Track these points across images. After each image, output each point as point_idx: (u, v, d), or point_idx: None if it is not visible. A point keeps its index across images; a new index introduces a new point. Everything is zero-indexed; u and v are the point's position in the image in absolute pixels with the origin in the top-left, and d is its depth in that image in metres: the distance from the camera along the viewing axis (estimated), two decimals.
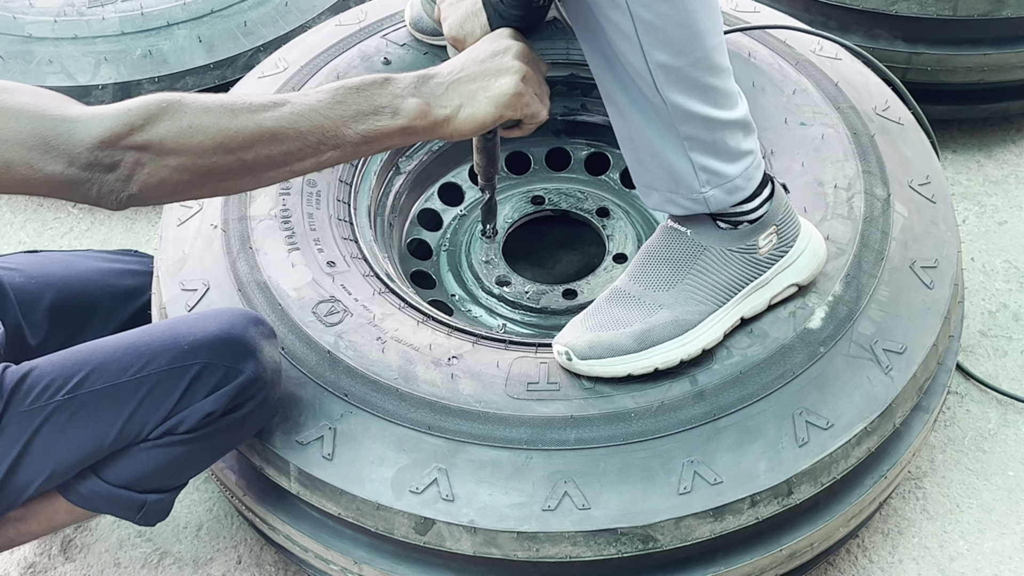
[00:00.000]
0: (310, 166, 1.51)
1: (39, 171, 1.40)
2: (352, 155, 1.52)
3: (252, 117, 1.45)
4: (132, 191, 1.43)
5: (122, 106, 1.42)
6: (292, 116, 1.47)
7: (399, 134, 1.53)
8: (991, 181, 2.67)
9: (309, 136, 1.47)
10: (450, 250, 2.25)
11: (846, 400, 1.74)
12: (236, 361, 1.68)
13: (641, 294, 1.76)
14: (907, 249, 1.90)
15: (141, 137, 1.41)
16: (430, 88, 1.54)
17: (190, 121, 1.43)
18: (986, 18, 2.48)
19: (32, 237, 2.67)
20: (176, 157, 1.42)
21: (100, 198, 1.43)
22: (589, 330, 1.75)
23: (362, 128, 1.50)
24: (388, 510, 1.67)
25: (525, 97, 1.58)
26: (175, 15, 2.64)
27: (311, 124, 1.47)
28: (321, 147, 1.49)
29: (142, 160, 1.41)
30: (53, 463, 1.69)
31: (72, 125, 1.40)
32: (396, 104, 1.51)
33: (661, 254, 1.77)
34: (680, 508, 1.65)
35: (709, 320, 1.74)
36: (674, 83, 1.59)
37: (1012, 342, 2.35)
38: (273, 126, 1.46)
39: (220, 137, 1.44)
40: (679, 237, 1.76)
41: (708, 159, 1.66)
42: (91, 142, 1.39)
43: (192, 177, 1.44)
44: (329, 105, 1.48)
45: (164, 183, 1.44)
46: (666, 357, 1.72)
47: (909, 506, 2.10)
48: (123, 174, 1.41)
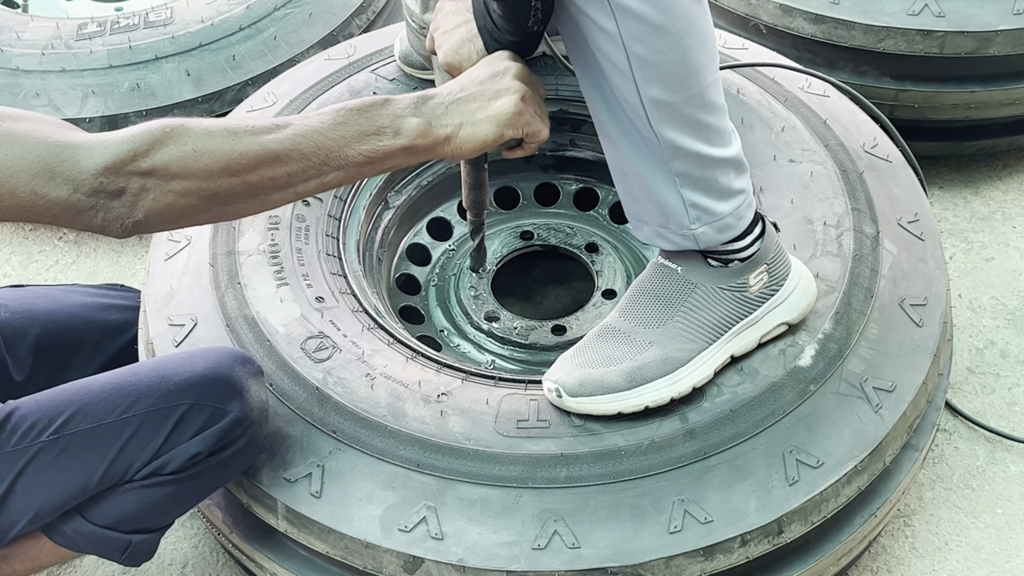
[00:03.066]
0: (314, 187, 1.51)
1: (43, 197, 1.40)
2: (355, 176, 1.52)
3: (255, 139, 1.46)
4: (138, 217, 1.43)
5: (126, 132, 1.42)
6: (295, 138, 1.47)
7: (401, 154, 1.53)
8: (978, 218, 2.67)
9: (312, 157, 1.48)
10: (439, 285, 2.25)
11: (836, 438, 1.74)
12: (223, 401, 1.67)
13: (631, 331, 1.76)
14: (896, 287, 1.90)
15: (146, 163, 1.41)
16: (430, 108, 1.54)
17: (194, 145, 1.43)
18: (972, 56, 2.50)
19: (17, 270, 2.66)
20: (181, 182, 1.42)
21: (105, 225, 1.43)
22: (579, 367, 1.74)
23: (364, 148, 1.50)
24: (376, 548, 1.66)
25: (525, 116, 1.59)
26: (163, 48, 2.64)
27: (314, 145, 1.48)
28: (324, 168, 1.49)
29: (147, 186, 1.41)
30: (38, 504, 1.68)
31: (77, 152, 1.40)
32: (397, 124, 1.51)
33: (651, 291, 1.77)
34: (670, 547, 1.64)
35: (699, 358, 1.74)
36: (667, 119, 1.59)
37: (1000, 379, 2.35)
38: (277, 148, 1.46)
39: (224, 160, 1.44)
40: (670, 274, 1.76)
41: (699, 196, 1.66)
42: (95, 169, 1.39)
43: (198, 201, 1.45)
44: (331, 126, 1.49)
45: (170, 208, 1.44)
46: (657, 395, 1.72)
47: (898, 544, 2.09)
48: (128, 200, 1.42)
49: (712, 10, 2.63)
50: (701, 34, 1.55)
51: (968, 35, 2.47)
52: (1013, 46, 2.49)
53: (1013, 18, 2.47)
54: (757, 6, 2.59)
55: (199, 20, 2.68)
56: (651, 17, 1.49)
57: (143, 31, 2.66)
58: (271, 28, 2.70)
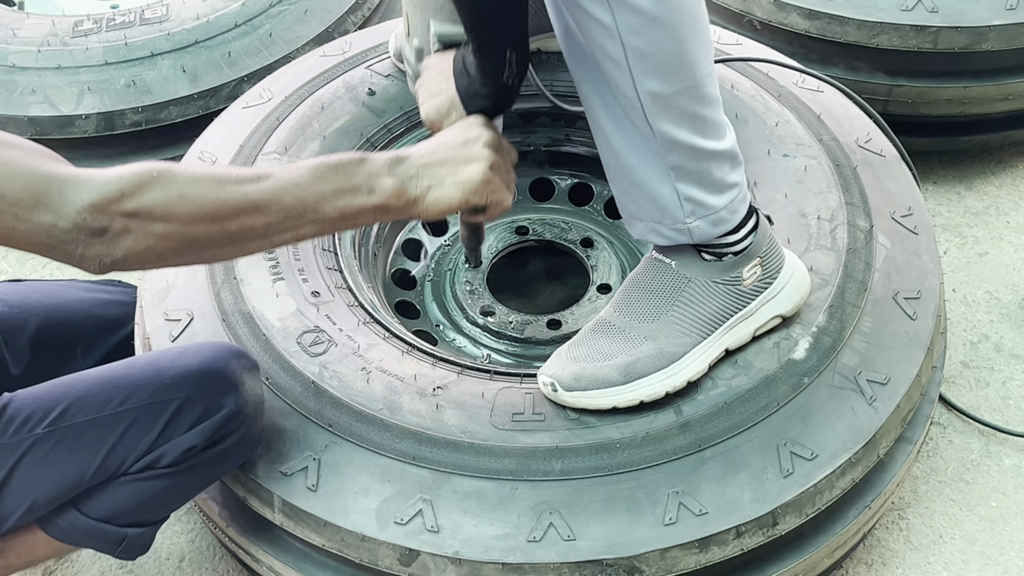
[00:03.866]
0: (289, 238, 1.53)
1: (25, 222, 1.39)
2: (328, 230, 1.56)
3: (238, 189, 1.47)
4: (116, 256, 1.43)
5: (114, 172, 1.42)
6: (276, 190, 1.49)
7: (373, 212, 1.56)
8: (972, 213, 2.68)
9: (291, 210, 1.50)
10: (434, 280, 2.25)
11: (830, 431, 1.74)
12: (218, 395, 1.68)
13: (626, 325, 1.76)
14: (890, 280, 1.91)
15: (131, 204, 1.41)
16: (404, 169, 1.57)
17: (179, 190, 1.44)
18: (966, 51, 2.51)
19: (14, 266, 2.66)
20: (163, 225, 1.43)
21: (83, 260, 1.43)
22: (574, 361, 1.75)
23: (340, 204, 1.53)
24: (372, 541, 1.66)
25: (492, 184, 1.62)
26: (159, 45, 2.64)
27: (293, 199, 1.50)
28: (301, 220, 1.51)
29: (130, 227, 1.42)
30: (33, 496, 1.68)
31: (64, 185, 1.40)
32: (372, 183, 1.54)
33: (646, 285, 1.77)
34: (665, 539, 1.65)
35: (694, 352, 1.75)
36: (663, 111, 1.59)
37: (994, 373, 2.36)
38: (258, 198, 1.48)
39: (208, 207, 1.45)
40: (664, 268, 1.76)
41: (693, 189, 1.67)
42: (81, 205, 1.39)
43: (176, 245, 1.45)
44: (310, 181, 1.51)
45: (149, 250, 1.44)
46: (652, 390, 1.72)
47: (893, 537, 2.10)
48: (110, 239, 1.42)
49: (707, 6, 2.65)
50: (697, 26, 1.56)
51: (961, 30, 2.48)
52: (1006, 41, 2.50)
53: (1006, 13, 2.48)
54: (751, 2, 2.60)
55: (195, 17, 2.68)
56: (647, 8, 1.50)
57: (139, 28, 2.66)
58: (266, 25, 2.71)
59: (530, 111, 2.28)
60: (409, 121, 2.19)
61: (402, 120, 2.19)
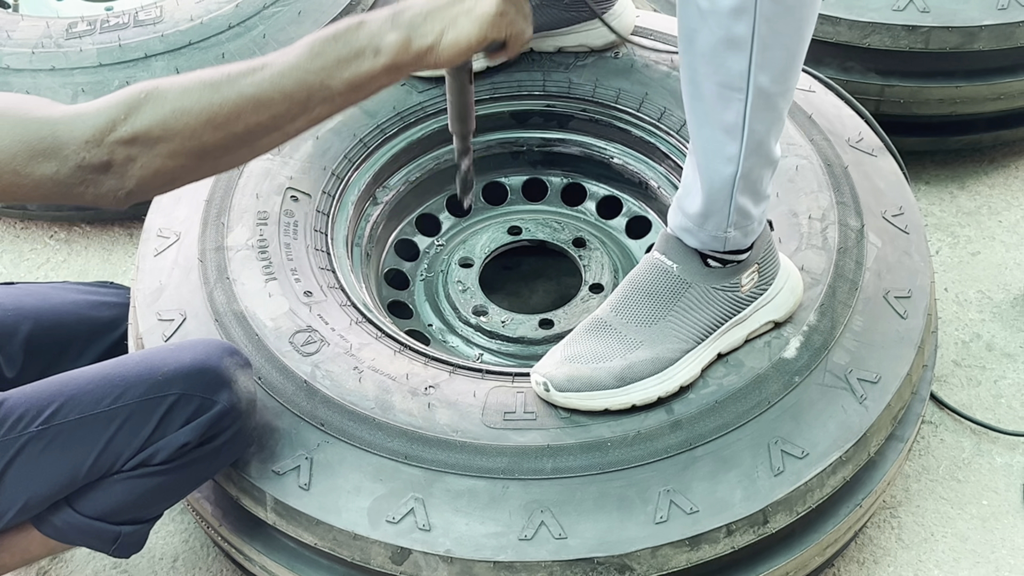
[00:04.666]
0: (302, 125, 1.47)
1: (27, 176, 1.39)
2: (342, 105, 1.48)
3: (234, 88, 1.42)
4: (129, 187, 1.41)
5: (101, 102, 1.40)
6: (274, 78, 1.43)
7: (384, 73, 1.47)
8: (964, 212, 2.69)
9: (295, 95, 1.44)
10: (427, 280, 2.26)
11: (821, 429, 1.75)
12: (211, 392, 1.68)
13: (622, 328, 1.76)
14: (881, 279, 1.92)
15: (127, 130, 1.39)
16: (407, 20, 1.48)
17: (172, 105, 1.40)
18: (958, 51, 2.51)
19: (8, 268, 2.67)
20: (166, 144, 1.40)
21: (99, 198, 1.41)
22: (568, 361, 1.75)
23: (347, 75, 1.45)
24: (364, 540, 1.67)
25: (508, 16, 1.51)
26: (153, 47, 2.64)
27: (295, 82, 1.43)
28: (309, 104, 1.45)
29: (132, 154, 1.40)
30: (27, 494, 1.68)
31: (55, 128, 1.39)
32: (376, 43, 1.45)
33: (645, 288, 1.77)
34: (656, 537, 1.65)
35: (688, 357, 1.75)
36: (763, 110, 1.57)
37: (986, 372, 2.37)
38: (256, 92, 1.42)
39: (206, 115, 1.41)
40: (665, 272, 1.76)
41: (745, 199, 1.66)
42: (77, 144, 1.38)
43: (187, 161, 1.42)
44: (308, 59, 1.44)
45: (160, 173, 1.42)
46: (644, 395, 1.73)
47: (884, 535, 2.11)
48: (117, 171, 1.40)
49: None
50: (811, 29, 1.55)
51: (953, 30, 2.48)
52: (998, 41, 2.50)
53: (997, 13, 2.48)
54: None
55: (188, 19, 2.68)
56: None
57: (133, 30, 2.66)
58: (260, 26, 2.71)
59: (523, 111, 2.28)
60: (402, 121, 2.20)
61: (395, 120, 2.19)
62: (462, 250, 2.27)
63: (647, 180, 2.27)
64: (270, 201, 2.01)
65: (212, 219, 1.99)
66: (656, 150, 2.23)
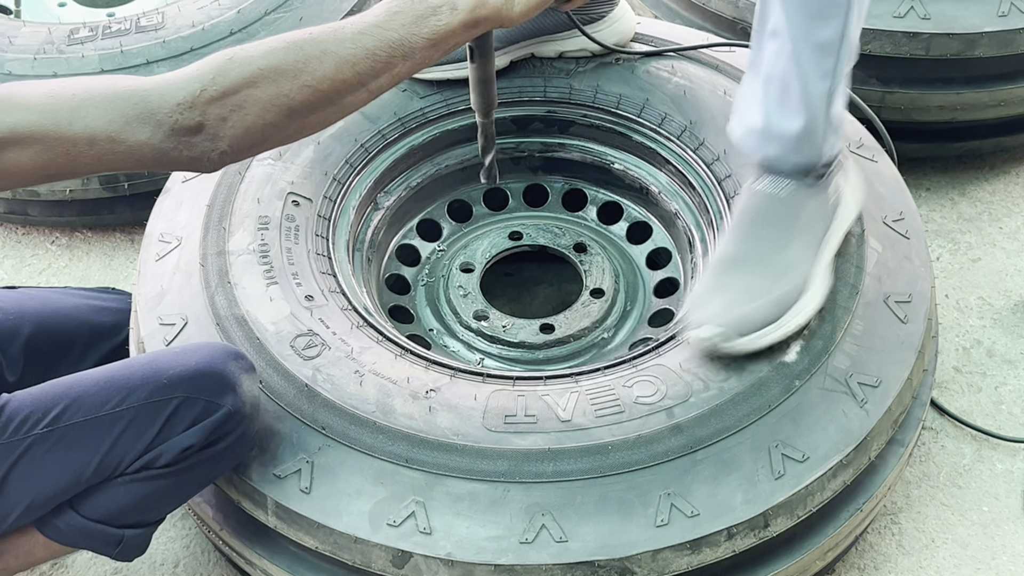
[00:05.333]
0: (385, 82, 1.52)
1: (123, 142, 1.43)
2: (422, 62, 1.53)
3: (318, 47, 1.47)
4: (223, 147, 1.46)
5: (191, 68, 1.45)
6: (356, 36, 1.48)
7: (462, 28, 1.53)
8: (965, 219, 2.69)
9: (378, 52, 1.49)
10: (428, 285, 2.26)
11: (821, 433, 1.75)
12: (215, 395, 1.69)
13: (760, 260, 1.83)
14: (881, 284, 1.92)
15: (216, 92, 1.43)
16: None
17: (259, 65, 1.45)
18: (958, 58, 2.51)
19: (10, 273, 2.67)
20: (255, 103, 1.45)
21: (193, 161, 1.46)
22: (729, 307, 1.79)
23: (426, 32, 1.50)
24: (365, 543, 1.67)
25: None
26: (154, 53, 2.64)
27: (376, 40, 1.48)
28: (392, 61, 1.50)
29: (223, 114, 1.44)
30: (30, 496, 1.69)
31: (147, 95, 1.43)
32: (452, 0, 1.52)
33: (765, 218, 1.85)
34: (657, 540, 1.66)
35: (817, 270, 1.83)
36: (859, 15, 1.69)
37: (986, 378, 2.37)
38: (339, 50, 1.47)
39: (292, 73, 1.45)
40: (779, 200, 1.85)
41: (838, 105, 1.78)
42: (170, 107, 1.42)
43: (275, 118, 1.46)
44: (388, 17, 1.49)
45: (250, 131, 1.46)
46: (801, 318, 1.80)
47: (885, 541, 2.11)
48: (210, 132, 1.44)
49: (699, 14, 2.67)
50: None
51: (954, 37, 2.49)
52: (998, 48, 2.50)
53: (998, 20, 2.49)
54: (745, 9, 2.60)
55: (190, 25, 2.69)
56: None
57: (134, 36, 2.67)
58: (262, 33, 2.71)
59: (524, 117, 2.29)
60: (404, 127, 2.20)
61: (396, 126, 2.20)
62: (463, 255, 2.28)
63: (648, 185, 2.27)
64: (271, 206, 2.01)
65: (213, 224, 1.99)
66: (657, 155, 2.23)
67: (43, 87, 1.45)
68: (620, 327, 2.17)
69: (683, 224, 2.21)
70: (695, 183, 2.16)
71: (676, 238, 2.27)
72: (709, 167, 2.12)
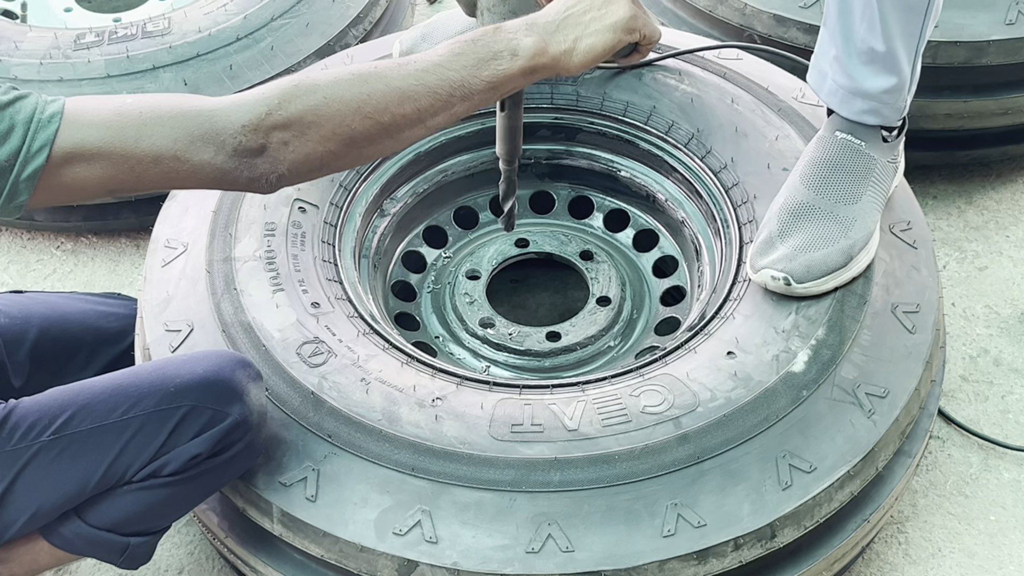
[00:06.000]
0: (443, 120, 1.55)
1: (186, 162, 1.45)
2: (480, 103, 1.56)
3: (382, 81, 1.50)
4: (281, 171, 1.48)
5: (257, 92, 1.48)
6: (419, 74, 1.51)
7: (520, 75, 1.57)
8: (972, 227, 2.69)
9: (439, 91, 1.52)
10: (434, 292, 2.26)
11: (829, 443, 1.75)
12: (223, 404, 1.68)
13: (833, 208, 1.91)
14: (889, 294, 1.91)
15: (282, 116, 1.46)
16: (542, 28, 1.58)
17: (324, 94, 1.47)
18: (966, 66, 2.51)
19: (15, 278, 2.67)
20: (317, 130, 1.47)
21: (252, 182, 1.48)
22: (799, 252, 1.86)
23: (486, 75, 1.54)
24: (371, 552, 1.67)
25: (640, 19, 1.64)
26: (161, 58, 2.65)
27: (438, 79, 1.52)
28: (451, 100, 1.53)
29: (286, 139, 1.46)
30: (36, 503, 1.68)
31: (213, 115, 1.45)
32: (513, 46, 1.55)
33: (842, 168, 1.93)
34: (664, 551, 1.65)
35: (877, 226, 1.94)
36: None
37: (993, 387, 2.36)
38: (403, 86, 1.50)
39: (355, 104, 1.48)
40: (855, 150, 1.94)
41: (920, 62, 1.87)
42: (235, 129, 1.44)
43: (335, 147, 1.49)
44: (451, 58, 1.53)
45: (310, 158, 1.49)
46: (861, 267, 1.90)
47: (892, 551, 2.10)
48: (271, 156, 1.47)
49: (706, 21, 2.66)
50: None
51: (961, 45, 2.48)
52: (1005, 56, 2.50)
53: (1005, 28, 2.48)
54: (752, 16, 2.60)
55: (196, 30, 2.69)
56: None
57: (141, 41, 2.67)
58: (268, 38, 2.71)
59: (531, 124, 2.28)
60: None
61: None
62: (469, 262, 2.28)
63: (654, 193, 2.27)
64: (277, 212, 2.01)
65: (220, 230, 1.99)
66: (664, 163, 2.23)
67: (110, 104, 1.46)
68: (626, 335, 2.17)
69: (690, 232, 2.21)
70: (702, 191, 2.15)
71: (683, 246, 2.26)
72: (716, 175, 2.11)
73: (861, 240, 1.89)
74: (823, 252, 1.86)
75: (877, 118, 1.94)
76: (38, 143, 1.42)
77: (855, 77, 1.91)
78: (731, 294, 1.93)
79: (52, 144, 1.42)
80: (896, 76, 1.89)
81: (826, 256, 1.86)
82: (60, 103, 1.44)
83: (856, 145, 1.94)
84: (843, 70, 1.92)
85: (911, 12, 1.83)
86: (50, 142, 1.42)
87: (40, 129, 1.42)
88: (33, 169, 1.42)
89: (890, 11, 1.82)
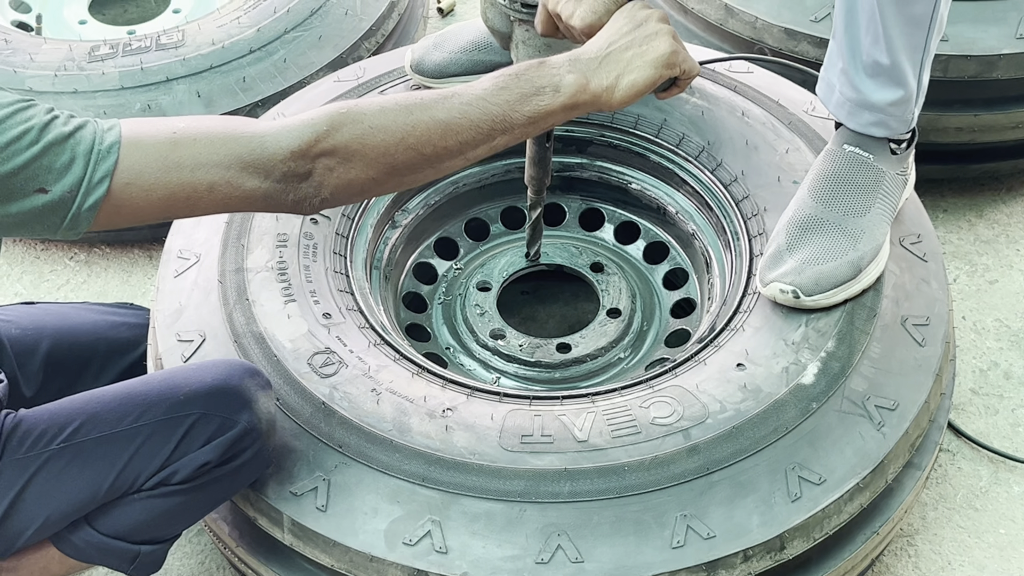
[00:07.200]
0: (483, 152, 1.58)
1: (239, 188, 1.48)
2: (520, 136, 1.59)
3: (426, 112, 1.53)
4: (325, 195, 1.52)
5: (305, 118, 1.50)
6: (462, 107, 1.54)
7: (562, 111, 1.59)
8: (982, 240, 2.69)
9: (481, 124, 1.54)
10: (445, 303, 2.26)
11: (838, 455, 1.75)
12: (232, 412, 1.69)
13: (841, 221, 1.91)
14: (899, 306, 1.92)
15: (328, 144, 1.49)
16: (584, 64, 1.60)
17: (370, 123, 1.50)
18: (976, 79, 2.51)
19: (28, 289, 2.68)
20: (361, 158, 1.51)
21: (296, 204, 1.52)
22: (807, 264, 1.87)
23: (527, 110, 1.56)
24: (381, 562, 1.67)
25: (681, 54, 1.65)
26: (174, 70, 2.66)
27: (481, 112, 1.54)
28: (493, 133, 1.56)
29: (331, 165, 1.50)
30: (47, 511, 1.69)
31: (263, 141, 1.48)
32: (556, 82, 1.57)
33: (849, 181, 1.94)
34: (673, 562, 1.65)
35: (887, 238, 1.95)
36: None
37: (1003, 400, 2.36)
38: (446, 118, 1.53)
39: (399, 134, 1.51)
40: (863, 162, 1.94)
41: (926, 74, 1.88)
42: (284, 155, 1.48)
43: (377, 175, 1.52)
44: (494, 92, 1.55)
45: (352, 184, 1.52)
46: (869, 280, 1.90)
47: (901, 563, 2.10)
48: (316, 181, 1.50)
49: (717, 34, 2.67)
50: None
51: (971, 59, 2.49)
52: (1016, 70, 2.50)
53: (1016, 42, 2.48)
54: (763, 30, 2.61)
55: (210, 43, 2.70)
56: None
57: (155, 53, 2.69)
58: (281, 51, 2.72)
59: None
60: None
61: None
62: (480, 274, 2.28)
63: (665, 206, 2.28)
64: (289, 223, 2.02)
65: (232, 241, 2.00)
66: (674, 176, 2.23)
67: (165, 131, 1.48)
68: (636, 347, 2.18)
69: (700, 244, 2.21)
70: (712, 204, 2.16)
71: (693, 258, 2.27)
72: (727, 188, 2.12)
73: (870, 253, 1.90)
74: (832, 265, 1.86)
75: (884, 130, 1.95)
76: (99, 174, 1.44)
77: (861, 89, 1.92)
78: (741, 306, 1.94)
79: (112, 175, 1.44)
80: (902, 88, 1.90)
81: (835, 269, 1.86)
82: (117, 131, 1.46)
83: (864, 158, 1.95)
84: (850, 82, 1.93)
85: (915, 26, 1.84)
86: (110, 173, 1.44)
87: (100, 161, 1.44)
88: (95, 200, 1.44)
89: (893, 25, 1.83)
